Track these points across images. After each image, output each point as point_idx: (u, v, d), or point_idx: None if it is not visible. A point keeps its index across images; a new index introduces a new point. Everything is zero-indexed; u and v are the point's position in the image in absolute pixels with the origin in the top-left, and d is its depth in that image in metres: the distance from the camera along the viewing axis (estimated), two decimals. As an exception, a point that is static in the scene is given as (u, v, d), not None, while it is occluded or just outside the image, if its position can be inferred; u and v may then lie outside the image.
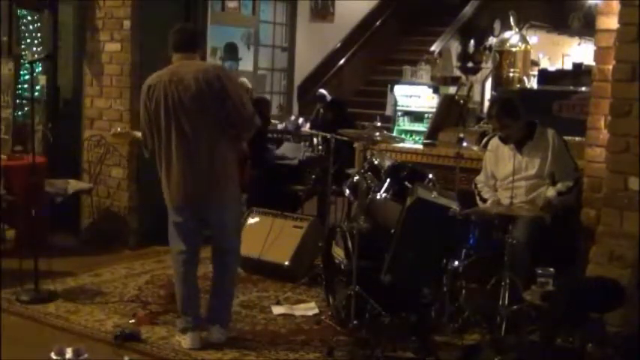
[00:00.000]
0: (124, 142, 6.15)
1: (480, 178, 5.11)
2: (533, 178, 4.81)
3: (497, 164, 4.99)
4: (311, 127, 9.54)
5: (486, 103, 11.29)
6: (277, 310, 4.95)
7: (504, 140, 4.92)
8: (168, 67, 4.20)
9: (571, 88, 7.25)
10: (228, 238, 4.35)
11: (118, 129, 5.02)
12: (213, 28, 9.73)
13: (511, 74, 10.07)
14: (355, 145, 6.33)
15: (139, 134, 4.41)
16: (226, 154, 4.20)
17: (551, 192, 4.73)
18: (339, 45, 12.69)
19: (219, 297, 4.38)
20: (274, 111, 11.53)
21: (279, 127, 10.05)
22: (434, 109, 8.73)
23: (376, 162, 5.07)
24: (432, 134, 6.85)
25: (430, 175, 5.03)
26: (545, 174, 4.79)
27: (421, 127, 9.79)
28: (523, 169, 4.82)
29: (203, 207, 4.22)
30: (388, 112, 10.55)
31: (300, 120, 10.41)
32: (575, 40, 13.89)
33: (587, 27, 12.06)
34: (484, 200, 4.96)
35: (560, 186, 4.73)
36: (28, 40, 7.03)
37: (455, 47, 12.35)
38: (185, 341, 4.27)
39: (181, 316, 4.34)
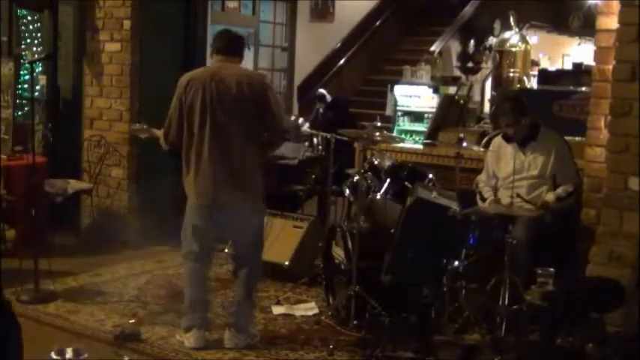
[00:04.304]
0: (139, 137, 6.12)
1: (482, 178, 5.10)
2: (535, 178, 4.81)
3: (499, 163, 4.98)
4: (311, 127, 9.53)
5: (486, 103, 11.29)
6: (277, 310, 4.94)
7: (508, 138, 4.92)
8: (210, 66, 4.31)
9: (571, 88, 7.24)
10: (247, 244, 4.33)
11: (137, 125, 5.01)
12: (213, 28, 9.72)
13: (511, 74, 10.07)
14: (355, 145, 6.33)
15: (158, 132, 4.41)
16: (254, 159, 4.23)
17: (550, 196, 4.74)
18: (339, 45, 12.68)
19: (237, 302, 4.37)
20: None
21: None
22: (434, 109, 8.72)
23: (376, 162, 5.07)
24: (432, 134, 6.85)
25: (430, 175, 5.03)
26: (546, 175, 4.80)
27: (421, 127, 9.77)
28: (525, 168, 4.82)
29: (226, 207, 4.19)
30: (388, 112, 10.53)
31: (300, 120, 10.40)
32: (575, 40, 13.88)
33: (587, 27, 12.04)
34: (484, 200, 4.96)
35: (560, 191, 4.74)
36: (28, 40, 7.02)
37: (455, 47, 12.34)
38: (188, 340, 4.26)
39: (187, 314, 4.32)
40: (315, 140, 7.76)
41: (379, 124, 8.08)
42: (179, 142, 4.21)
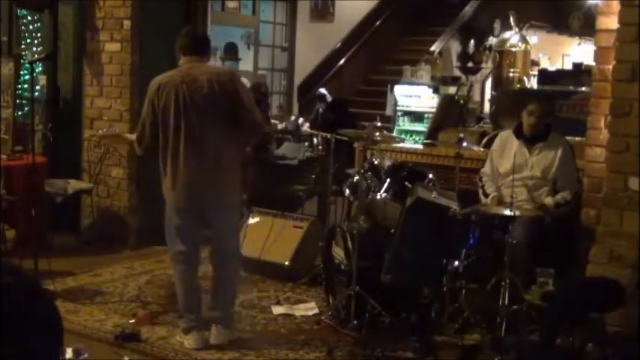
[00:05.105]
0: (111, 144, 6.19)
1: (486, 171, 5.07)
2: (537, 179, 4.81)
3: (502, 157, 4.96)
4: (311, 127, 9.54)
5: (486, 103, 11.30)
6: (277, 310, 4.94)
7: (518, 134, 4.90)
8: (179, 68, 4.23)
9: (571, 88, 7.26)
10: (228, 240, 4.35)
11: (104, 130, 5.00)
12: (213, 28, 9.73)
13: (511, 74, 10.08)
14: (355, 145, 6.33)
15: (129, 137, 4.40)
16: (232, 155, 4.22)
17: (549, 200, 4.75)
18: (339, 45, 12.68)
19: (218, 298, 4.37)
20: (274, 111, 11.53)
21: (279, 127, 10.05)
22: (434, 109, 8.73)
23: (376, 162, 5.07)
24: (432, 134, 6.86)
25: (430, 175, 5.03)
26: (549, 177, 4.81)
27: (421, 127, 9.79)
28: (529, 168, 4.82)
29: (207, 207, 4.22)
30: (388, 112, 10.55)
31: (300, 120, 10.41)
32: (575, 40, 13.88)
33: (587, 27, 12.05)
34: (486, 195, 4.95)
35: (559, 197, 4.75)
36: (28, 40, 7.02)
37: (455, 47, 12.35)
38: (189, 341, 4.26)
39: (184, 316, 4.33)
40: (315, 140, 7.77)
41: (379, 124, 8.10)
42: (155, 146, 4.20)
